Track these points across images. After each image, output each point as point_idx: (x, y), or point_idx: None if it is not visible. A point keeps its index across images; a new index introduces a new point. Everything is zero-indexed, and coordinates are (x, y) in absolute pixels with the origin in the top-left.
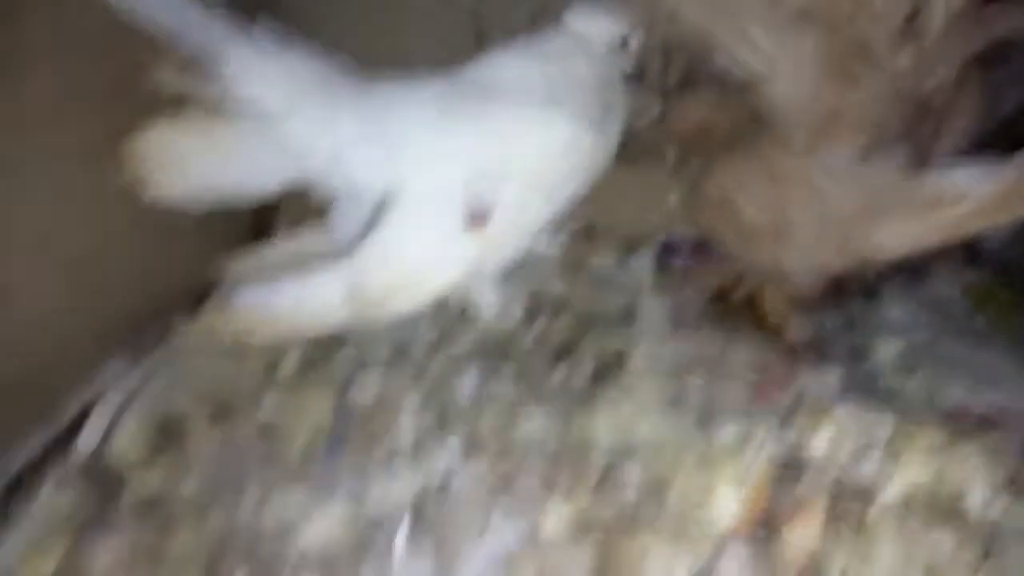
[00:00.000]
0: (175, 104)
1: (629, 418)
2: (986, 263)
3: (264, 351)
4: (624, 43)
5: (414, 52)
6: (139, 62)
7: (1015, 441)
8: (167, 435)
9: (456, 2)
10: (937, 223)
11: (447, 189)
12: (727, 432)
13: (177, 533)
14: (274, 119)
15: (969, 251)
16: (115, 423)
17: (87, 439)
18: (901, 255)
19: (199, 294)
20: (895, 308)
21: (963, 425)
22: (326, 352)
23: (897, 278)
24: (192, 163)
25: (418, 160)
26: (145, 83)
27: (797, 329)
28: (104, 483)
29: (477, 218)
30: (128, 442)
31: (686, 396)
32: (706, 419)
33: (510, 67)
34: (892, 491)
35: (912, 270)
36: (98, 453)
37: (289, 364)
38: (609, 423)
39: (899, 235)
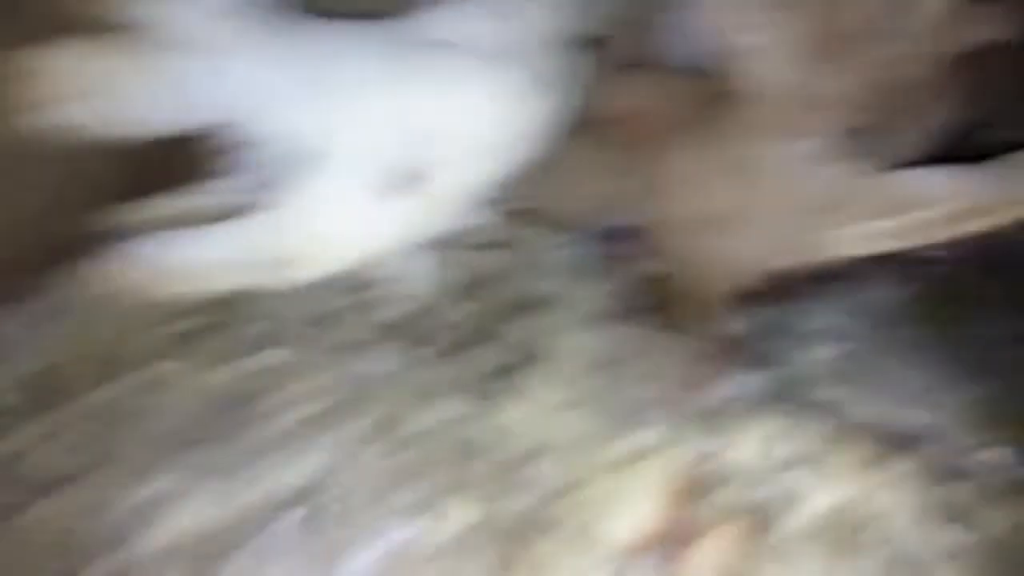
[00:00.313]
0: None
1: (544, 413)
2: (926, 275)
3: (158, 311)
4: None
5: None
6: None
7: (944, 462)
8: (35, 398)
9: None
10: (901, 227)
11: (378, 148)
12: (644, 435)
13: (31, 508)
14: (201, 52)
15: (909, 262)
16: None
17: None
18: (856, 255)
19: (87, 245)
20: (828, 315)
21: (891, 441)
22: (227, 316)
23: (833, 285)
24: (95, 86)
25: (349, 114)
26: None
27: (726, 325)
28: None
29: (408, 181)
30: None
31: (610, 388)
32: (624, 419)
33: (461, 20)
34: (815, 508)
35: (849, 277)
36: None
37: (184, 326)
38: (523, 417)
39: (860, 235)
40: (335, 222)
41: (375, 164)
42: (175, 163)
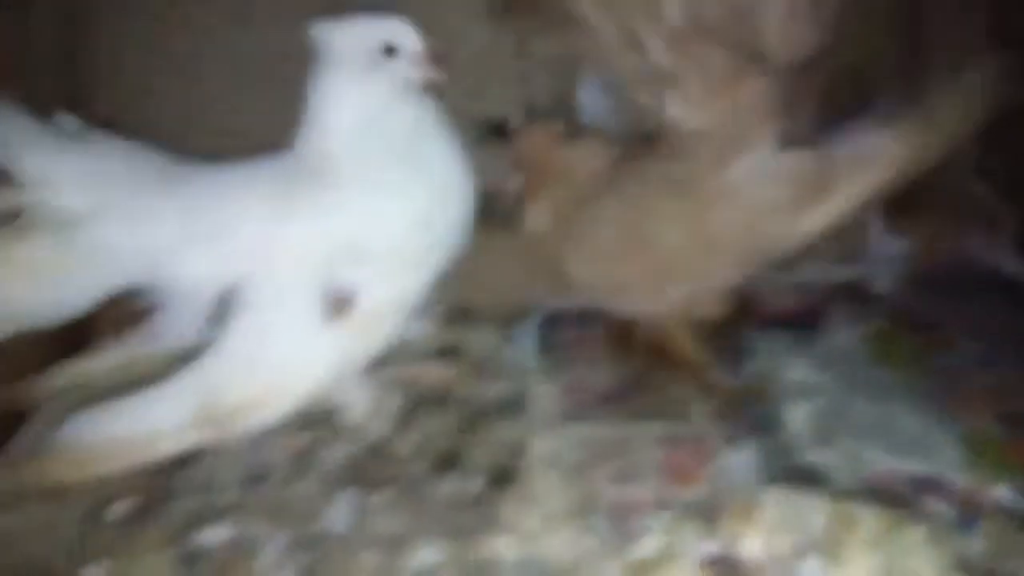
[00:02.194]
0: None
1: (535, 533)
2: (879, 310)
3: (84, 496)
4: (390, 51)
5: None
6: None
7: (952, 515)
8: None
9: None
10: (856, 191)
11: (298, 278)
12: (648, 541)
13: None
14: (82, 225)
15: (860, 299)
16: None
17: None
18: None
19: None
20: (797, 368)
21: (897, 501)
22: (163, 488)
23: (793, 334)
24: None
25: (259, 251)
26: None
27: (712, 366)
28: None
29: (338, 305)
30: None
31: (595, 496)
32: (621, 523)
33: (335, 141)
34: None
35: (806, 325)
36: None
37: (118, 510)
38: (512, 542)
39: (822, 213)
40: (276, 362)
41: (303, 293)
42: (87, 328)
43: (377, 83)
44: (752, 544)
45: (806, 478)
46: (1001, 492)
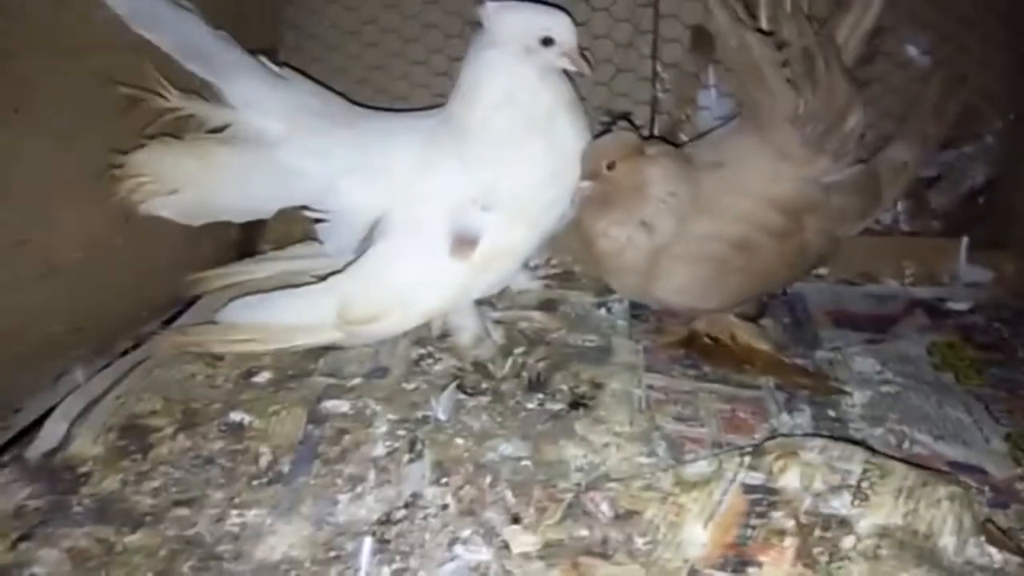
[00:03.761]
0: (177, 125)
1: (601, 447)
2: (951, 326)
3: (239, 361)
4: (547, 41)
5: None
6: (143, 86)
7: (989, 495)
8: (131, 439)
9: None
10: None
11: (434, 217)
12: (698, 465)
13: (133, 535)
14: (273, 146)
15: (935, 315)
16: (77, 425)
17: (45, 439)
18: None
19: (179, 307)
20: (862, 362)
21: (933, 470)
22: (302, 366)
23: (865, 336)
24: (187, 183)
25: (406, 190)
26: (149, 105)
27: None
28: (60, 481)
29: (463, 245)
30: (89, 443)
31: (658, 428)
32: (678, 451)
33: (483, 110)
34: (864, 528)
35: (878, 330)
36: (55, 453)
37: (264, 375)
38: (580, 451)
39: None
40: (407, 282)
41: (437, 230)
42: (260, 236)
43: (530, 66)
44: (790, 477)
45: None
46: None
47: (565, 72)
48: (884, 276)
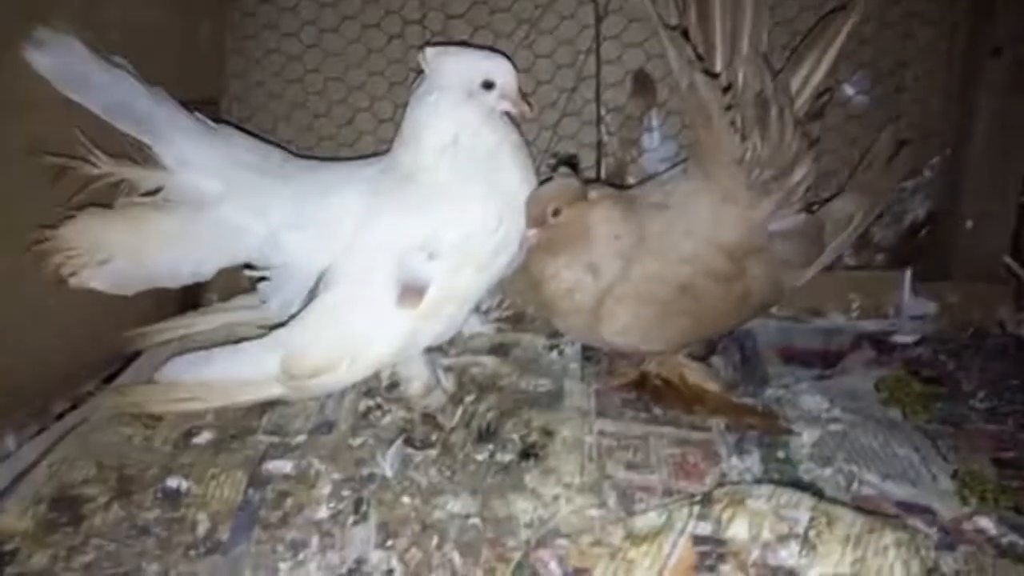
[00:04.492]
0: (110, 192)
1: (551, 500)
2: (897, 359)
3: (179, 422)
4: (488, 85)
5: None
6: (71, 154)
7: (932, 533)
8: (62, 510)
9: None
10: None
11: (380, 267)
12: (648, 517)
13: None
14: (211, 205)
15: (882, 349)
16: (4, 498)
17: None
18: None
19: (118, 364)
20: (811, 400)
21: (880, 514)
22: (245, 424)
23: (813, 372)
24: (119, 252)
25: (350, 241)
26: (80, 172)
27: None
28: None
29: (411, 293)
30: (16, 518)
31: (609, 477)
32: (627, 500)
33: (427, 155)
34: None
35: (826, 365)
36: None
37: (204, 436)
38: (530, 504)
39: (816, 267)
40: (354, 333)
41: (383, 280)
42: (201, 290)
43: (472, 110)
44: (739, 528)
45: (799, 487)
46: (986, 523)
47: (508, 116)
48: (831, 310)
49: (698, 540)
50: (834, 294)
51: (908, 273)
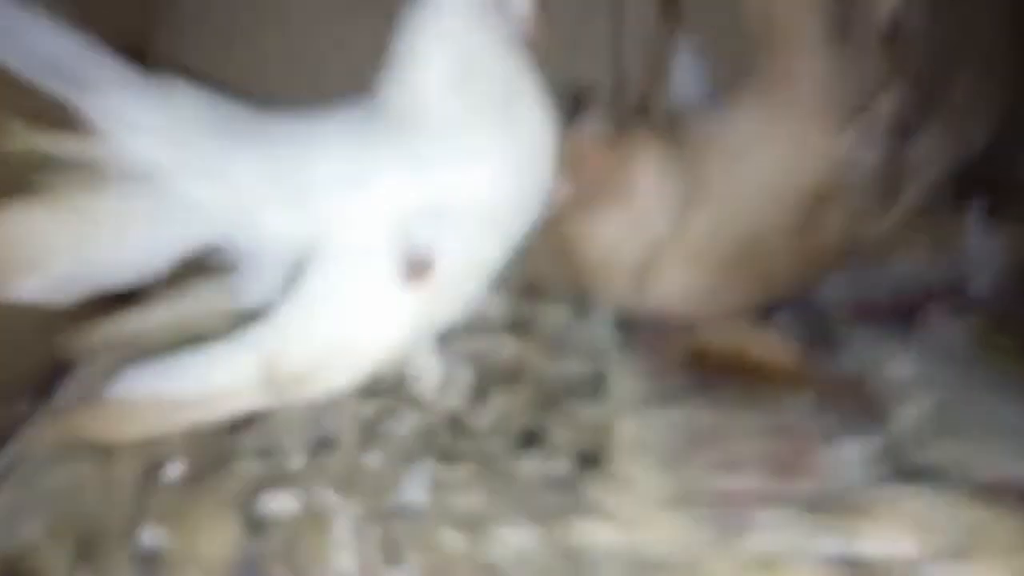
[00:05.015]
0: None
1: (630, 522)
2: (972, 309)
3: (137, 452)
4: (499, 3)
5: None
6: None
7: None
8: None
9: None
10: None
11: (375, 238)
12: (758, 536)
13: None
14: (162, 178)
15: (957, 298)
16: None
17: None
18: None
19: (48, 380)
20: (901, 364)
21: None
22: (224, 446)
23: (889, 330)
24: (50, 255)
25: (339, 207)
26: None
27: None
28: None
29: (417, 267)
30: None
31: (695, 485)
32: (725, 521)
33: (425, 93)
34: None
35: (899, 322)
36: None
37: (176, 469)
38: (607, 530)
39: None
40: (349, 323)
41: (382, 253)
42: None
43: (479, 34)
44: (876, 544)
45: (920, 477)
46: None
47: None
48: (895, 258)
49: (830, 561)
50: (898, 238)
51: (976, 212)
